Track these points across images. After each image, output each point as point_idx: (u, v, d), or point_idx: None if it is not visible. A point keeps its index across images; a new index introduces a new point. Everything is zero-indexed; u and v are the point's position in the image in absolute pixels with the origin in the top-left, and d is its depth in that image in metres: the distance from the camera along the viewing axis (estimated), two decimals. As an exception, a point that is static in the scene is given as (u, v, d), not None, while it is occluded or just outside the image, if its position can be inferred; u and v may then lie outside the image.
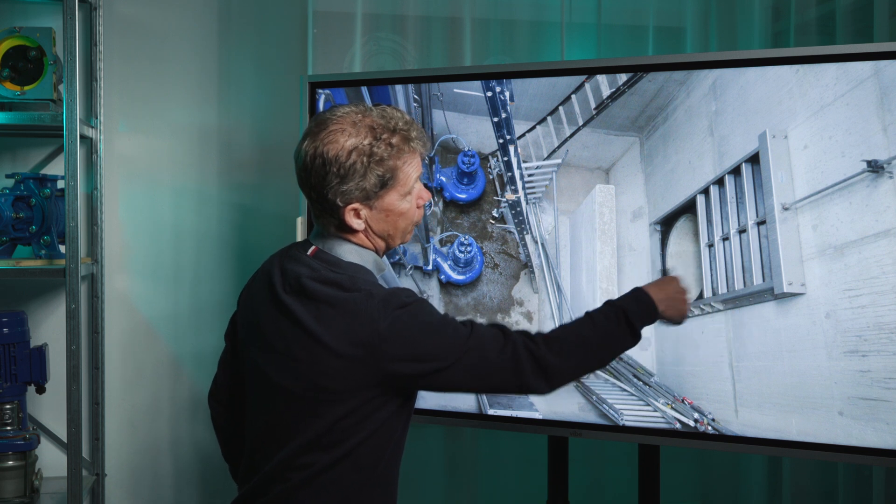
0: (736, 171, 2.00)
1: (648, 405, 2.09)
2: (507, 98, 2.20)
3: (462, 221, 2.28)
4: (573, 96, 2.16)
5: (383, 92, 2.30)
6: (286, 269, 1.56)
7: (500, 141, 2.22)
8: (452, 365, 1.49)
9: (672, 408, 2.07)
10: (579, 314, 1.67)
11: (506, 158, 2.22)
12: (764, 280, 1.97)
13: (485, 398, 2.22)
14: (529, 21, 2.87)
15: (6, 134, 2.65)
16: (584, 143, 2.16)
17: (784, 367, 1.96)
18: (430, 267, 2.30)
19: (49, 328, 2.69)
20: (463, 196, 2.27)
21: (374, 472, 1.53)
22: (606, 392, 2.13)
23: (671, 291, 1.72)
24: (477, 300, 2.26)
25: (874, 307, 1.86)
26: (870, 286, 1.86)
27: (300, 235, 2.40)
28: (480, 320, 2.22)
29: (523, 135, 2.21)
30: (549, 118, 2.18)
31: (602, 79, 2.12)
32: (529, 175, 2.21)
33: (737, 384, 2.00)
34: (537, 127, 2.20)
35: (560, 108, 2.17)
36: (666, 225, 2.09)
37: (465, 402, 2.24)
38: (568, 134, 2.17)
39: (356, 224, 1.54)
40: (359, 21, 2.76)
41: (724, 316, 2.03)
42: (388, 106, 1.57)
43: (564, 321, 1.72)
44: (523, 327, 2.19)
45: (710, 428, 2.03)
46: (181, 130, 2.79)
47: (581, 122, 2.15)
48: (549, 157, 2.20)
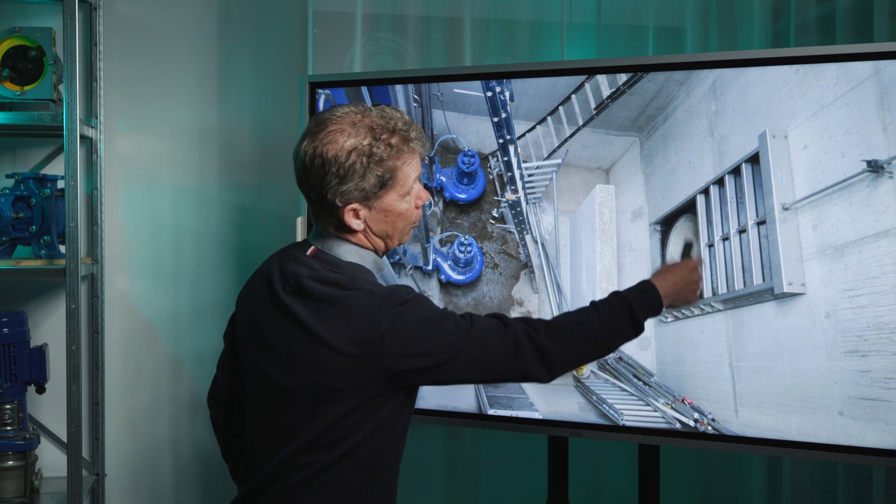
0: (736, 171, 2.00)
1: (648, 405, 2.09)
2: (507, 98, 2.20)
3: (462, 221, 2.28)
4: (573, 96, 2.16)
5: (383, 92, 2.30)
6: (285, 270, 1.56)
7: (500, 141, 2.22)
8: (454, 358, 1.49)
9: (672, 408, 2.07)
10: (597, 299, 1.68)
11: (506, 158, 2.22)
12: (764, 280, 1.97)
13: (485, 398, 2.22)
14: (529, 21, 2.87)
15: (6, 134, 2.65)
16: (584, 143, 2.16)
17: (784, 367, 1.95)
18: (430, 267, 2.30)
19: (49, 328, 2.69)
20: (463, 196, 2.27)
21: (374, 472, 1.53)
22: (606, 392, 2.13)
23: (680, 283, 1.73)
24: (477, 300, 2.26)
25: (874, 307, 1.86)
26: (870, 286, 1.86)
27: (300, 235, 2.40)
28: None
29: (523, 135, 2.21)
30: (549, 118, 2.18)
31: (602, 79, 2.12)
32: (529, 175, 2.21)
33: (737, 384, 2.00)
34: (537, 127, 2.19)
35: (560, 108, 2.17)
36: (666, 225, 2.09)
37: (465, 402, 2.24)
38: (568, 134, 2.17)
39: (355, 224, 1.54)
40: (359, 21, 2.76)
41: (724, 316, 2.03)
42: (388, 106, 1.57)
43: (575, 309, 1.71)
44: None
45: (710, 428, 2.03)
46: (181, 130, 2.79)
47: (581, 122, 2.15)
48: (549, 157, 2.19)
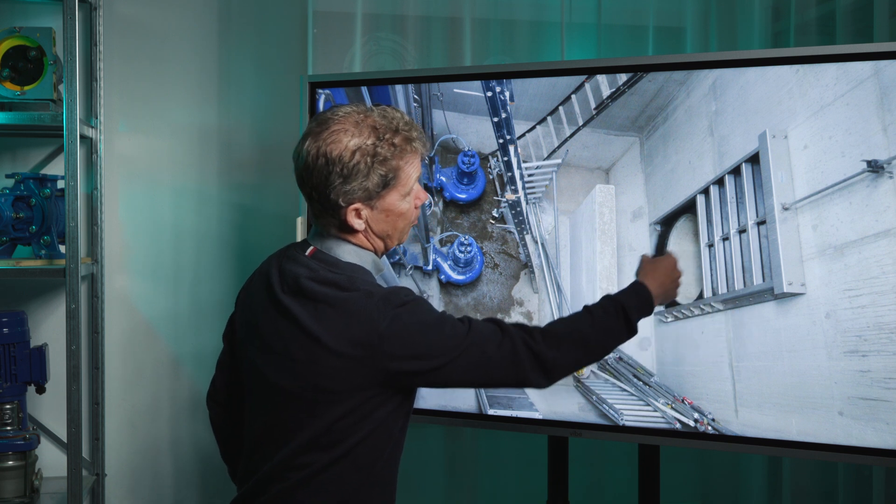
0: (736, 171, 2.00)
1: (648, 405, 2.09)
2: (507, 98, 2.20)
3: (462, 221, 2.28)
4: (573, 96, 2.16)
5: (383, 92, 2.30)
6: (284, 270, 1.56)
7: (500, 141, 2.22)
8: (452, 362, 1.49)
9: (672, 408, 2.07)
10: (591, 303, 1.69)
11: (506, 158, 2.22)
12: (764, 280, 1.97)
13: (485, 398, 2.22)
14: (529, 21, 2.87)
15: (6, 134, 2.65)
16: (584, 143, 2.16)
17: (784, 367, 1.95)
18: (430, 267, 2.30)
19: (49, 328, 2.69)
20: (463, 196, 2.27)
21: (373, 472, 1.53)
22: (606, 392, 2.13)
23: (668, 281, 1.78)
24: (477, 300, 2.26)
25: (874, 307, 1.86)
26: (870, 286, 1.86)
27: (300, 235, 2.40)
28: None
29: (523, 135, 2.21)
30: (549, 118, 2.18)
31: (602, 79, 2.12)
32: (529, 175, 2.21)
33: (737, 384, 2.00)
34: (537, 127, 2.19)
35: (560, 108, 2.17)
36: (666, 225, 2.09)
37: (465, 403, 2.24)
38: (568, 134, 2.17)
39: (357, 224, 1.54)
40: (359, 21, 2.76)
41: (724, 316, 2.03)
42: (388, 106, 1.58)
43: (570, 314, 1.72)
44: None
45: (710, 428, 2.03)
46: (181, 130, 2.79)
47: (581, 122, 2.15)
48: (549, 157, 2.19)
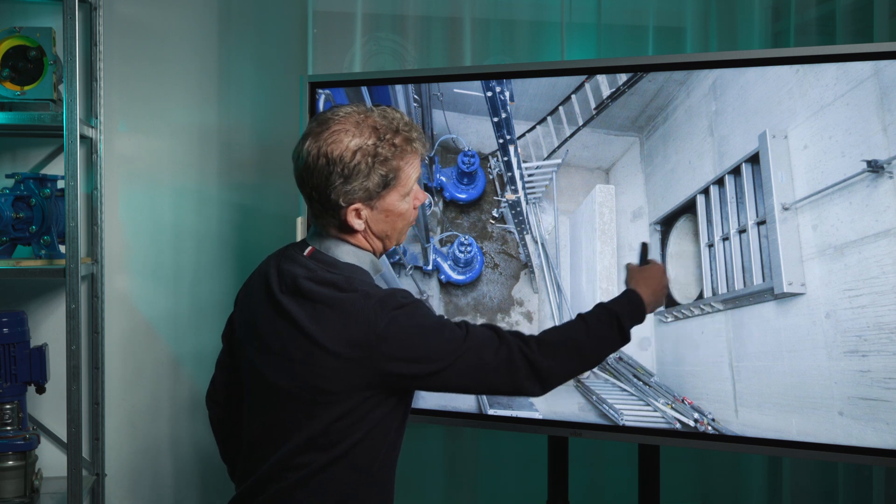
0: (736, 171, 2.00)
1: (648, 405, 2.09)
2: (507, 98, 2.20)
3: (462, 221, 2.28)
4: (573, 96, 2.16)
5: (383, 92, 2.30)
6: (283, 270, 1.56)
7: (500, 141, 2.22)
8: (449, 367, 1.50)
9: (672, 408, 2.07)
10: (585, 312, 1.70)
11: (506, 158, 2.22)
12: (764, 280, 1.97)
13: (485, 398, 2.22)
14: (529, 21, 2.87)
15: (6, 134, 2.65)
16: (584, 143, 2.16)
17: (784, 367, 1.95)
18: (430, 267, 2.30)
19: (49, 328, 2.69)
20: (463, 196, 2.27)
21: (370, 472, 1.53)
22: (606, 392, 2.13)
23: (658, 289, 1.83)
24: (477, 300, 2.26)
25: (874, 307, 1.86)
26: (870, 286, 1.86)
27: (300, 235, 2.40)
28: (481, 320, 2.23)
29: (523, 135, 2.21)
30: (549, 118, 2.18)
31: (602, 79, 2.12)
32: (529, 175, 2.21)
33: (737, 384, 2.00)
34: (537, 127, 2.19)
35: (560, 108, 2.17)
36: (666, 225, 2.09)
37: (465, 403, 2.24)
38: (568, 134, 2.17)
39: (357, 224, 1.54)
40: (359, 21, 2.76)
41: (724, 316, 2.03)
42: (388, 107, 1.58)
43: (564, 321, 1.73)
44: (523, 327, 2.20)
45: (710, 428, 2.03)
46: (181, 130, 2.79)
47: (581, 122, 2.15)
48: (549, 157, 2.19)
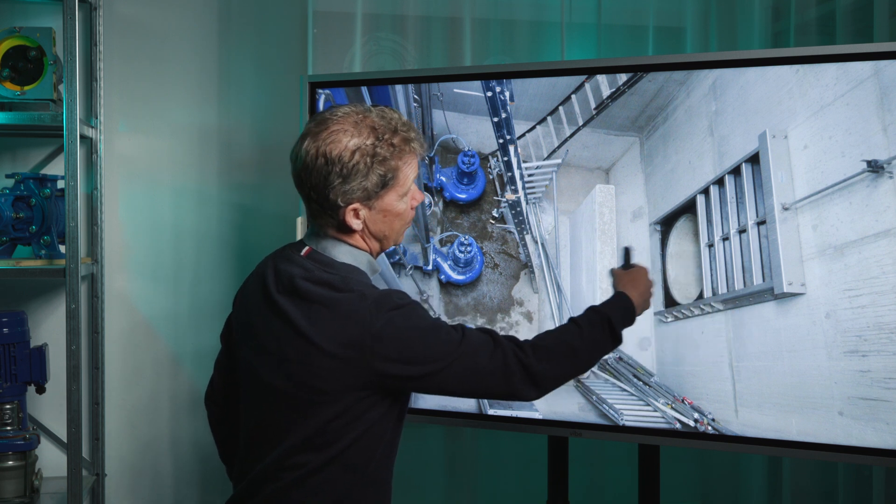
0: (736, 171, 2.00)
1: (648, 405, 2.09)
2: (507, 98, 2.20)
3: (462, 221, 2.28)
4: (573, 96, 2.15)
5: (383, 92, 2.30)
6: (279, 270, 1.56)
7: (500, 141, 2.22)
8: (444, 369, 1.50)
9: (672, 408, 2.07)
10: (577, 315, 1.70)
11: (506, 158, 2.22)
12: (764, 280, 1.97)
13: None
14: (529, 21, 2.87)
15: (6, 134, 2.64)
16: (584, 143, 2.16)
17: (784, 367, 1.95)
18: (430, 267, 2.30)
19: (49, 328, 2.69)
20: (463, 196, 2.27)
21: (366, 473, 1.53)
22: (606, 392, 2.13)
23: (646, 292, 1.85)
24: (477, 300, 2.26)
25: (874, 307, 1.86)
26: (870, 286, 1.86)
27: (300, 235, 2.40)
28: (481, 320, 2.23)
29: (523, 135, 2.21)
30: (549, 118, 2.18)
31: (602, 79, 2.12)
32: (529, 175, 2.21)
33: (737, 384, 2.00)
34: (537, 127, 2.19)
35: (560, 108, 2.17)
36: (666, 225, 2.09)
37: (465, 402, 2.24)
38: (568, 134, 2.17)
39: (355, 224, 1.54)
40: (359, 21, 2.76)
41: (724, 316, 2.03)
42: (386, 107, 1.58)
43: (564, 322, 1.73)
44: (523, 327, 2.20)
45: (710, 428, 2.03)
46: (181, 130, 2.79)
47: (581, 122, 2.15)
48: (549, 157, 2.19)
